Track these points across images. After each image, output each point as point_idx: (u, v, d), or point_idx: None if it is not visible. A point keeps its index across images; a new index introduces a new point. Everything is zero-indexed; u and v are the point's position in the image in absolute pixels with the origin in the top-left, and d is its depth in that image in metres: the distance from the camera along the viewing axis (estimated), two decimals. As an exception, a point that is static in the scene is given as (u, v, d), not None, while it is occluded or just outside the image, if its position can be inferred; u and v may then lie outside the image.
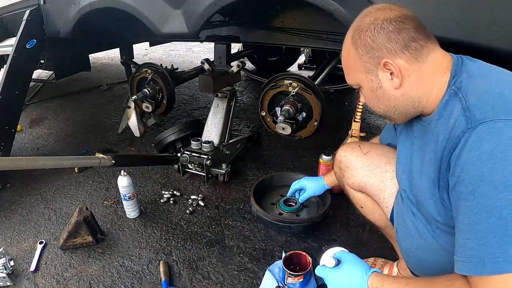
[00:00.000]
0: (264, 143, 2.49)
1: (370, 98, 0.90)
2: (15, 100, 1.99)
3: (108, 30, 2.27)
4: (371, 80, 0.85)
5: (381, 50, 0.80)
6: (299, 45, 2.09)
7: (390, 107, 0.87)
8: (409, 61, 0.79)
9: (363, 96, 0.93)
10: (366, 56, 0.82)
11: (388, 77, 0.82)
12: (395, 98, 0.85)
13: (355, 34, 0.83)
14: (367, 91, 0.88)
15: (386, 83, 0.83)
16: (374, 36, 0.80)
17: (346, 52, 0.88)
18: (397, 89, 0.83)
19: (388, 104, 0.87)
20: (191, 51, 5.39)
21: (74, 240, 1.54)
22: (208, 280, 1.39)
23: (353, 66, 0.87)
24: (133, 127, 2.63)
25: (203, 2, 1.54)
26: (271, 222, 1.60)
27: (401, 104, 0.85)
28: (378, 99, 0.87)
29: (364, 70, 0.85)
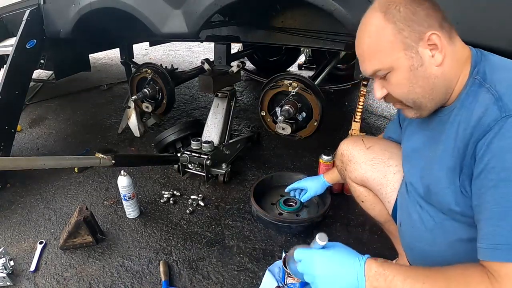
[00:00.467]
0: (264, 143, 2.49)
1: (405, 81, 0.81)
2: (15, 100, 1.99)
3: (108, 30, 2.27)
4: (411, 57, 0.78)
5: (422, 24, 0.77)
6: (299, 45, 2.09)
7: (427, 89, 0.81)
8: (445, 38, 0.78)
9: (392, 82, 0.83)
10: (407, 30, 0.77)
11: (429, 53, 0.78)
12: (435, 77, 0.79)
13: (390, 8, 0.78)
14: (403, 72, 0.80)
15: (428, 60, 0.78)
16: (414, 9, 0.77)
17: (376, 30, 0.80)
18: (438, 66, 0.79)
19: (426, 85, 0.80)
20: (191, 51, 5.39)
21: (74, 240, 1.54)
22: (208, 280, 1.39)
23: (387, 45, 0.79)
24: (133, 127, 2.63)
25: (203, 2, 1.54)
26: (271, 222, 1.60)
27: (439, 86, 0.80)
28: (416, 80, 0.80)
29: (402, 47, 0.78)
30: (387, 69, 0.81)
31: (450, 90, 0.82)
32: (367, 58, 0.84)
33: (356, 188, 1.25)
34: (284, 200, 1.74)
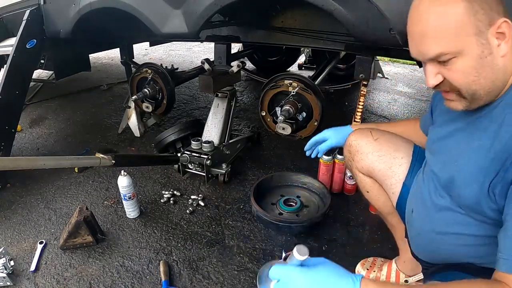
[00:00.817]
0: (264, 143, 2.49)
1: (471, 69, 0.74)
2: (15, 100, 1.99)
3: (108, 30, 2.27)
4: (482, 43, 0.72)
5: (495, 9, 0.71)
6: (299, 45, 2.09)
7: (490, 81, 0.75)
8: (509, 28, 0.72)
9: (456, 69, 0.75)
10: (481, 12, 0.70)
11: (495, 42, 0.72)
12: (498, 69, 0.74)
13: None
14: (471, 59, 0.73)
15: (495, 49, 0.73)
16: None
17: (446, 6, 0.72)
18: (503, 57, 0.74)
19: (491, 76, 0.74)
20: (191, 51, 5.39)
21: (74, 240, 1.54)
22: (208, 280, 1.39)
23: (459, 25, 0.71)
24: (133, 127, 2.63)
25: (203, 2, 1.54)
26: (271, 222, 1.60)
27: (499, 79, 0.75)
28: (482, 70, 0.74)
29: (474, 31, 0.71)
30: (454, 53, 0.73)
31: (505, 84, 0.77)
32: (431, 37, 0.74)
33: (362, 178, 1.25)
34: (284, 200, 1.74)
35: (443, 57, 0.74)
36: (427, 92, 3.68)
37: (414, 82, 4.01)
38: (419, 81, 4.05)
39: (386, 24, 1.29)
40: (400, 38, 1.27)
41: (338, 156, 1.82)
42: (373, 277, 1.35)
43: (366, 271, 1.37)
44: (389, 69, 4.47)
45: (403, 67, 4.65)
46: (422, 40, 0.76)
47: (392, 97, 3.50)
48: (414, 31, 0.78)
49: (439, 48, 0.74)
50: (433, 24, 0.73)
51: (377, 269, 1.37)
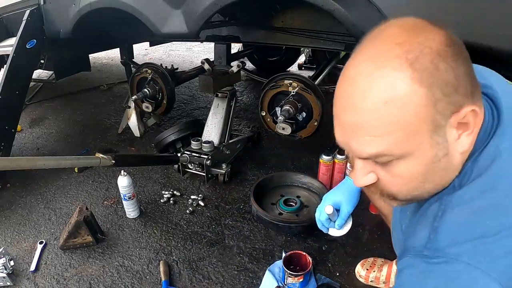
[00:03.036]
0: (264, 143, 2.49)
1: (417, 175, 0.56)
2: (15, 100, 1.99)
3: (108, 30, 2.27)
4: (437, 143, 0.53)
5: (461, 90, 0.51)
6: (299, 45, 2.09)
7: (439, 184, 0.58)
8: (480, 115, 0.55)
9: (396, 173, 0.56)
10: (445, 101, 0.50)
11: (455, 135, 0.54)
12: (453, 171, 0.57)
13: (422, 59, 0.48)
14: (420, 164, 0.54)
15: (452, 146, 0.54)
16: (456, 67, 0.50)
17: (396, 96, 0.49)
18: (462, 153, 0.56)
19: (441, 181, 0.57)
20: (191, 51, 5.39)
21: (74, 240, 1.54)
22: (208, 280, 1.39)
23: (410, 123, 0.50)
24: (133, 127, 2.63)
25: (203, 2, 1.54)
26: (271, 222, 1.60)
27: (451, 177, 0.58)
28: (432, 175, 0.56)
29: (431, 128, 0.51)
30: (398, 155, 0.54)
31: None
32: (368, 133, 0.52)
33: None
34: (284, 200, 1.74)
35: (381, 158, 0.55)
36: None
37: (414, 82, 4.00)
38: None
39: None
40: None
41: (338, 156, 1.82)
42: (373, 277, 1.35)
43: (366, 271, 1.37)
44: (389, 69, 4.46)
45: (403, 67, 4.64)
46: (354, 134, 0.54)
47: (392, 97, 3.50)
48: (343, 118, 0.55)
49: (375, 148, 0.53)
50: (374, 116, 0.51)
51: (377, 269, 1.37)
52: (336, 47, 1.90)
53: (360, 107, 0.51)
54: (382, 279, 1.34)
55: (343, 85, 0.54)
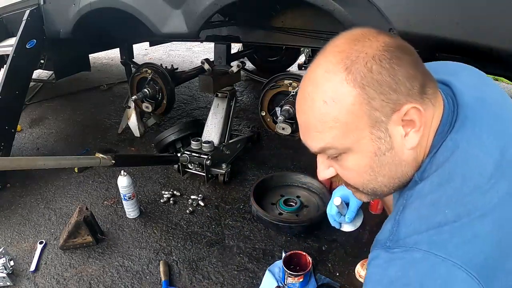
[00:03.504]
0: (264, 143, 2.49)
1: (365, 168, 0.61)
2: (15, 100, 1.99)
3: (108, 30, 2.27)
4: (378, 138, 0.57)
5: (400, 90, 0.55)
6: (299, 45, 2.09)
7: (392, 178, 0.62)
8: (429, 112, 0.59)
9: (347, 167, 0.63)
10: (379, 99, 0.55)
11: (401, 132, 0.58)
12: (405, 164, 0.60)
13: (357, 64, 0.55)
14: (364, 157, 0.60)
15: (399, 141, 0.58)
16: (392, 68, 0.55)
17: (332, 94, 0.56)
18: (411, 149, 0.59)
19: (392, 173, 0.61)
20: (191, 51, 5.39)
21: (74, 240, 1.54)
22: (208, 280, 1.39)
23: (348, 118, 0.56)
24: (133, 127, 2.63)
25: (203, 2, 1.54)
26: (271, 222, 1.60)
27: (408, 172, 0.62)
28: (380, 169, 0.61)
29: (369, 123, 0.56)
30: (341, 149, 0.60)
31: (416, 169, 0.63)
32: (314, 130, 0.60)
33: None
34: (284, 200, 1.74)
35: (329, 151, 0.61)
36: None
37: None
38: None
39: (386, 24, 1.29)
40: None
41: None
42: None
43: (366, 271, 1.37)
44: (389, 69, 4.46)
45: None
46: (306, 131, 0.62)
47: (392, 97, 3.50)
48: (299, 120, 0.64)
49: (322, 142, 0.60)
50: (316, 115, 0.58)
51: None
52: (336, 47, 1.90)
53: (306, 109, 0.60)
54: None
55: (299, 92, 0.63)
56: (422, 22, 1.14)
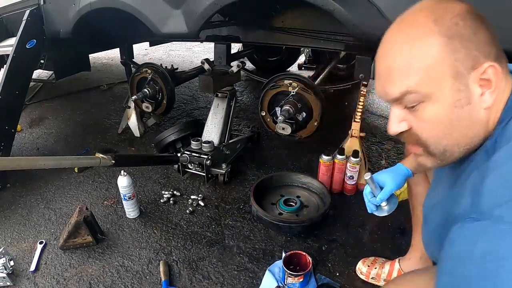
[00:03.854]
0: (264, 143, 2.49)
1: (443, 120, 0.61)
2: (15, 100, 1.99)
3: (108, 30, 2.27)
4: (459, 90, 0.59)
5: (481, 49, 0.58)
6: (299, 45, 2.09)
7: (466, 137, 0.62)
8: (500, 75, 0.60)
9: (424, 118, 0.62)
10: (463, 52, 0.57)
11: (478, 90, 0.59)
12: (480, 123, 0.61)
13: (445, 18, 0.58)
14: (444, 107, 0.60)
15: (476, 99, 0.59)
16: (477, 27, 0.58)
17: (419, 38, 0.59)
18: (486, 109, 0.60)
19: (467, 131, 0.62)
20: (191, 51, 5.39)
21: (74, 240, 1.54)
22: (208, 280, 1.39)
23: (432, 62, 0.58)
24: (133, 127, 2.63)
25: (203, 2, 1.54)
26: (271, 222, 1.60)
27: (479, 134, 0.62)
28: (457, 123, 0.61)
29: (451, 73, 0.58)
30: (422, 95, 0.60)
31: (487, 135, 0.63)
32: (398, 73, 0.61)
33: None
34: (284, 200, 1.74)
35: (410, 97, 0.62)
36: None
37: (414, 82, 4.00)
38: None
39: (386, 24, 1.29)
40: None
41: (338, 156, 1.82)
42: (374, 274, 1.35)
43: (367, 268, 1.37)
44: (389, 69, 4.46)
45: (403, 67, 4.64)
46: (388, 76, 0.63)
47: (392, 97, 3.50)
48: (380, 67, 0.65)
49: (404, 85, 0.61)
50: (402, 58, 0.61)
51: (378, 266, 1.37)
52: (336, 47, 1.90)
53: (391, 53, 0.63)
54: (384, 276, 1.34)
55: (381, 45, 0.66)
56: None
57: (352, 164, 1.78)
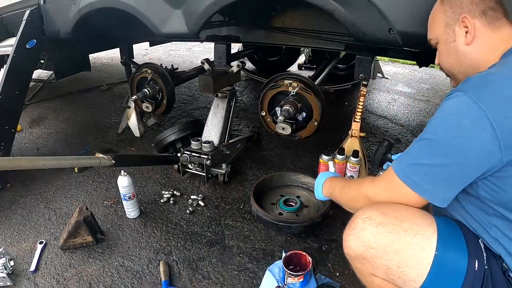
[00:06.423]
0: (264, 143, 2.49)
1: (443, 52, 1.02)
2: (15, 100, 1.99)
3: (108, 30, 2.27)
4: (448, 33, 0.98)
5: (463, 8, 0.94)
6: (299, 45, 2.09)
7: (456, 62, 0.98)
8: (483, 25, 0.92)
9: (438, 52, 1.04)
10: (450, 11, 0.96)
11: (463, 33, 0.94)
12: (462, 55, 0.96)
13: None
14: (442, 44, 1.01)
15: (460, 38, 0.95)
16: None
17: (434, 8, 1.03)
18: (467, 45, 0.94)
19: (455, 59, 0.98)
20: (191, 51, 5.39)
21: (74, 240, 1.54)
22: (208, 280, 1.39)
23: (436, 20, 1.01)
24: (133, 127, 2.63)
25: (203, 2, 1.54)
26: (271, 222, 1.60)
27: (465, 63, 0.96)
28: (449, 53, 0.99)
29: (444, 24, 0.98)
30: (434, 39, 1.04)
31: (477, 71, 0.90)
32: (428, 27, 1.07)
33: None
34: (284, 200, 1.74)
35: (432, 41, 1.05)
36: (427, 92, 3.68)
37: (414, 82, 4.01)
38: (419, 81, 4.05)
39: (386, 24, 1.29)
40: (400, 38, 1.27)
41: (338, 156, 1.82)
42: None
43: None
44: (389, 69, 4.47)
45: (403, 67, 4.65)
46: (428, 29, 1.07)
47: (392, 97, 3.51)
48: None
49: (428, 35, 1.07)
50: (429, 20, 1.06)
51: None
52: (336, 47, 1.91)
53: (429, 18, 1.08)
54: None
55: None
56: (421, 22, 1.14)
57: (352, 164, 1.78)
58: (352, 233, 0.95)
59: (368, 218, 0.93)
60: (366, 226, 0.92)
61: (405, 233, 0.89)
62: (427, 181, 0.86)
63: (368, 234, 0.91)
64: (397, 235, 0.89)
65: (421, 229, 0.89)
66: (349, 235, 0.96)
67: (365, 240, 0.92)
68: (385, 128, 2.76)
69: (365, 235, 0.92)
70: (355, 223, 0.95)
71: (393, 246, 0.89)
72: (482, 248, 0.89)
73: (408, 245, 0.88)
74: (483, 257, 0.87)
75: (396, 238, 0.89)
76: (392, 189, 0.93)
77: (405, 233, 0.89)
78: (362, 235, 0.92)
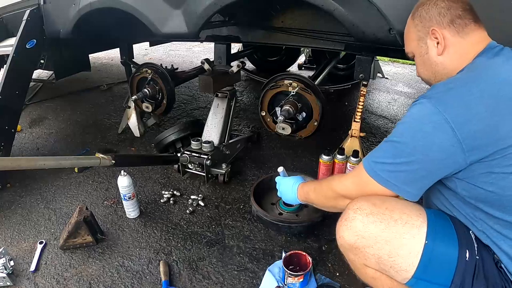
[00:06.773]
0: (264, 143, 2.49)
1: (418, 64, 1.07)
2: (15, 100, 1.99)
3: (108, 30, 2.27)
4: (421, 46, 1.03)
5: (431, 21, 0.98)
6: (299, 45, 2.09)
7: (431, 72, 1.03)
8: (452, 34, 0.96)
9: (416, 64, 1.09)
10: (420, 25, 1.01)
11: (434, 45, 0.99)
12: (436, 65, 1.00)
13: (416, 8, 1.04)
14: (417, 57, 1.06)
15: (432, 50, 1.00)
16: (428, 9, 0.99)
17: (407, 24, 1.08)
18: (439, 55, 0.98)
19: (430, 69, 1.03)
20: (191, 51, 5.39)
21: (74, 240, 1.54)
22: (208, 280, 1.39)
23: (409, 34, 1.06)
24: (133, 127, 2.63)
25: (203, 2, 1.54)
26: (271, 222, 1.60)
27: (440, 72, 1.00)
28: (424, 64, 1.04)
29: (416, 38, 1.03)
30: (410, 52, 1.10)
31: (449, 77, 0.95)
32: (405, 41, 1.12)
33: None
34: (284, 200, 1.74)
35: (409, 54, 1.11)
36: (427, 92, 3.67)
37: (414, 82, 4.01)
38: (419, 81, 4.05)
39: (386, 24, 1.29)
40: (400, 38, 1.27)
41: (338, 156, 1.82)
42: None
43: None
44: (389, 69, 4.47)
45: (403, 67, 4.65)
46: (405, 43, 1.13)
47: (392, 97, 3.51)
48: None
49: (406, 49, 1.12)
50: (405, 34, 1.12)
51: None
52: (336, 47, 1.90)
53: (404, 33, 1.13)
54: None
55: None
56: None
57: (352, 164, 1.78)
58: (344, 224, 0.98)
59: (359, 209, 0.97)
60: (357, 216, 0.96)
61: (395, 222, 0.92)
62: (393, 178, 0.93)
63: (359, 223, 0.95)
64: (387, 224, 0.92)
65: (410, 218, 0.92)
66: (341, 226, 1.00)
67: (356, 229, 0.95)
68: (385, 128, 2.76)
69: (356, 224, 0.95)
70: (347, 214, 0.99)
71: (384, 235, 0.92)
72: (473, 239, 0.92)
73: (398, 234, 0.91)
74: (474, 247, 0.90)
75: (386, 227, 0.92)
76: (362, 184, 1.00)
77: (395, 222, 0.92)
78: (353, 225, 0.96)
